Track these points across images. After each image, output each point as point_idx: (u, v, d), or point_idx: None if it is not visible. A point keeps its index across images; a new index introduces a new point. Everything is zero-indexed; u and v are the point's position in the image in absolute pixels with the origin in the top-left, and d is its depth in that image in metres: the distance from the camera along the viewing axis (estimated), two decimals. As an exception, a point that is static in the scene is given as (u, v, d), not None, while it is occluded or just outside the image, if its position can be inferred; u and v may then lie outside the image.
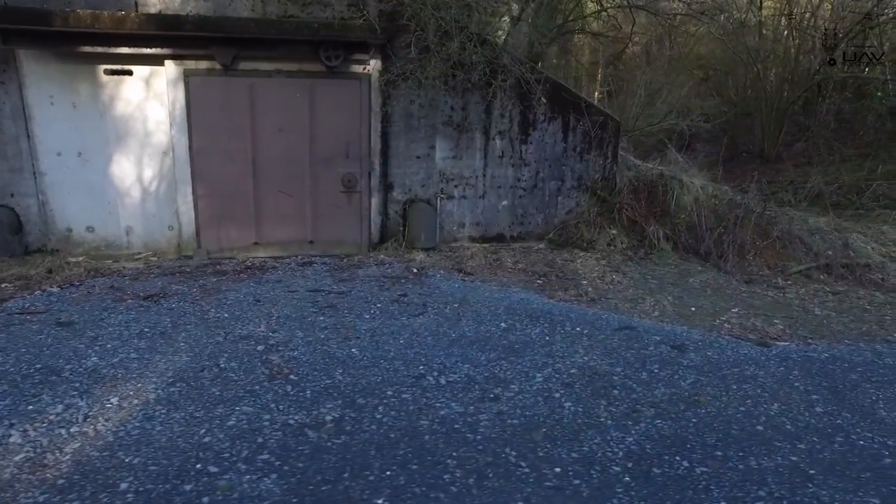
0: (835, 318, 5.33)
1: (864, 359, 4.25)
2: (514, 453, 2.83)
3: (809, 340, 4.72)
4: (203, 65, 6.11)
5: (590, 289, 5.87)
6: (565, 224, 7.74)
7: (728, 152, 13.08)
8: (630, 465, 2.75)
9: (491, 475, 2.63)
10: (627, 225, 7.52)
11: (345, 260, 6.64)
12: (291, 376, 3.61)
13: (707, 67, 12.94)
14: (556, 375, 3.74)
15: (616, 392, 3.53)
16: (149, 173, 6.42)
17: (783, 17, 10.96)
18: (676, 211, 7.34)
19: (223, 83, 6.19)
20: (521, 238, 7.69)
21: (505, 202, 7.54)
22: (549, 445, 2.91)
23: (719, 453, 2.89)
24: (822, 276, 6.61)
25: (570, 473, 2.67)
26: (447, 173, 7.23)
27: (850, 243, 7.37)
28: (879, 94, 9.84)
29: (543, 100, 7.26)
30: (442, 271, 6.25)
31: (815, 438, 3.07)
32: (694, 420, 3.22)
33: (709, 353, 4.15)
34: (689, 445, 2.95)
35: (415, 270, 6.20)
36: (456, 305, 5.08)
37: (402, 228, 7.16)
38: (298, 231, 6.80)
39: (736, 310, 5.43)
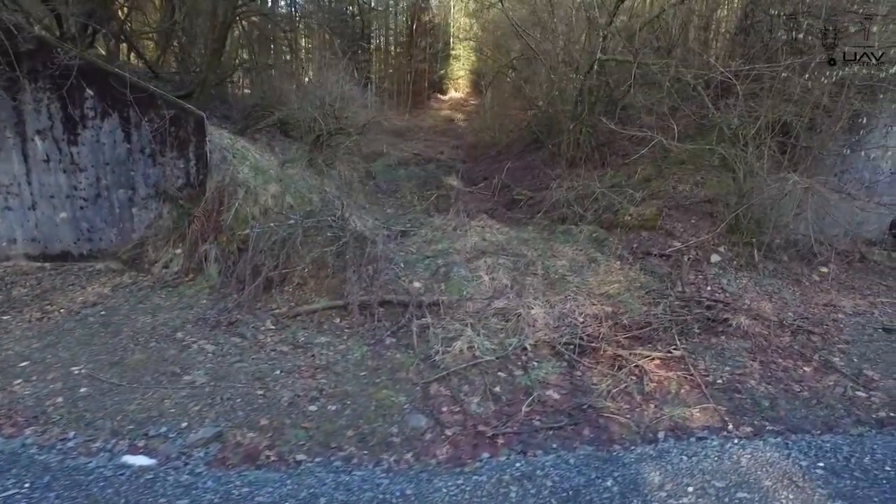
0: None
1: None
2: None
3: None
4: None
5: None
6: (145, 240, 6.42)
7: (548, 157, 11.05)
8: None
9: None
10: (193, 242, 6.08)
11: None
12: None
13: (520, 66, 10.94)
14: None
15: None
16: None
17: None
18: (235, 225, 5.81)
19: None
20: (92, 256, 6.43)
21: (64, 214, 6.34)
22: None
23: None
24: (338, 319, 4.85)
25: None
26: (-18, 180, 6.18)
27: (451, 273, 5.49)
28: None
29: (90, 91, 6.03)
30: None
31: None
32: None
33: None
34: None
35: None
36: None
37: (-66, 244, 6.19)
38: None
39: None
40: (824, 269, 6.74)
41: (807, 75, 5.81)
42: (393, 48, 23.81)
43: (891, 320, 5.35)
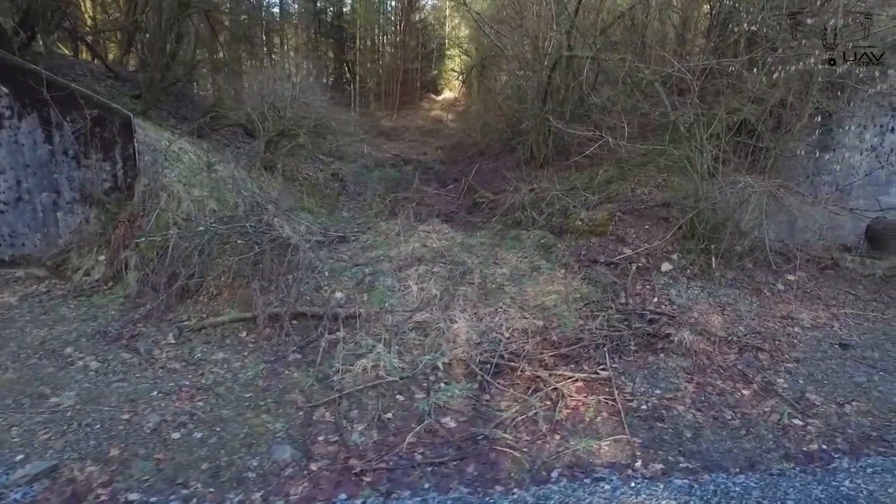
0: None
1: None
2: None
3: None
4: None
5: None
6: (70, 246, 6.13)
7: (519, 158, 10.65)
8: None
9: None
10: (115, 248, 5.78)
11: None
12: None
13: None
14: None
15: None
16: None
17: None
18: (156, 231, 5.49)
19: None
20: (14, 263, 6.12)
21: (-16, 219, 6.08)
22: None
23: None
24: (244, 333, 4.51)
25: None
26: None
27: (377, 282, 5.13)
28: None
29: (4, 89, 5.73)
30: None
31: None
32: None
33: None
34: None
35: None
36: None
37: None
38: None
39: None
40: (791, 277, 6.32)
41: (754, 70, 5.37)
42: (380, 47, 23.46)
43: (850, 334, 4.93)
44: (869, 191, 7.13)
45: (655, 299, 5.08)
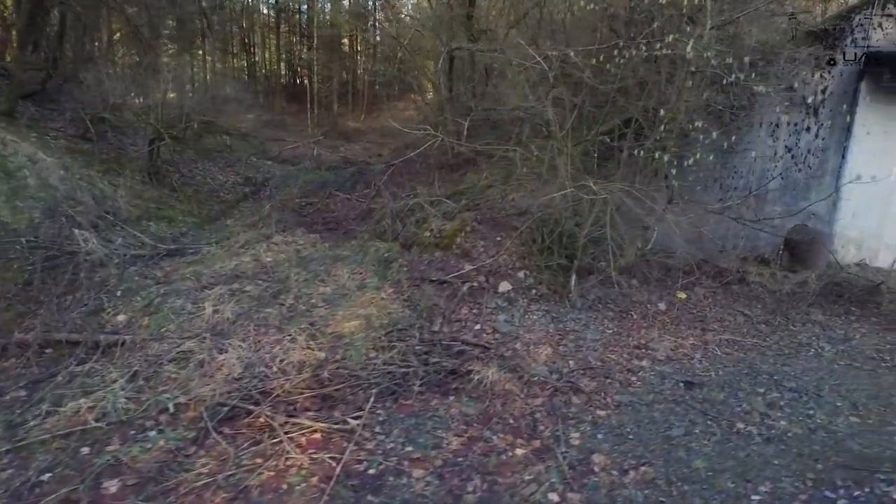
0: None
1: None
2: None
3: None
4: None
5: None
6: None
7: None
8: None
9: None
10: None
11: None
12: None
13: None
14: None
15: None
16: None
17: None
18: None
19: None
20: None
21: None
22: None
23: None
24: (-18, 364, 3.96)
25: None
26: None
27: (165, 304, 4.52)
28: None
29: None
30: None
31: None
32: None
33: None
34: None
35: None
36: None
37: None
38: None
39: None
40: (682, 296, 5.54)
41: (602, 56, 4.61)
42: (345, 46, 22.90)
43: (708, 368, 4.13)
44: (788, 196, 6.28)
45: (478, 326, 4.36)
